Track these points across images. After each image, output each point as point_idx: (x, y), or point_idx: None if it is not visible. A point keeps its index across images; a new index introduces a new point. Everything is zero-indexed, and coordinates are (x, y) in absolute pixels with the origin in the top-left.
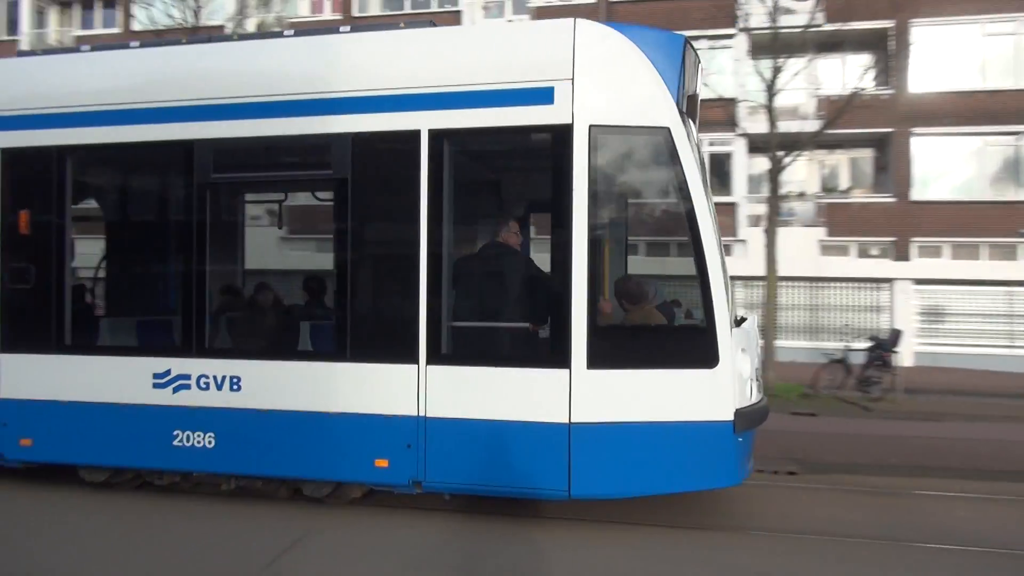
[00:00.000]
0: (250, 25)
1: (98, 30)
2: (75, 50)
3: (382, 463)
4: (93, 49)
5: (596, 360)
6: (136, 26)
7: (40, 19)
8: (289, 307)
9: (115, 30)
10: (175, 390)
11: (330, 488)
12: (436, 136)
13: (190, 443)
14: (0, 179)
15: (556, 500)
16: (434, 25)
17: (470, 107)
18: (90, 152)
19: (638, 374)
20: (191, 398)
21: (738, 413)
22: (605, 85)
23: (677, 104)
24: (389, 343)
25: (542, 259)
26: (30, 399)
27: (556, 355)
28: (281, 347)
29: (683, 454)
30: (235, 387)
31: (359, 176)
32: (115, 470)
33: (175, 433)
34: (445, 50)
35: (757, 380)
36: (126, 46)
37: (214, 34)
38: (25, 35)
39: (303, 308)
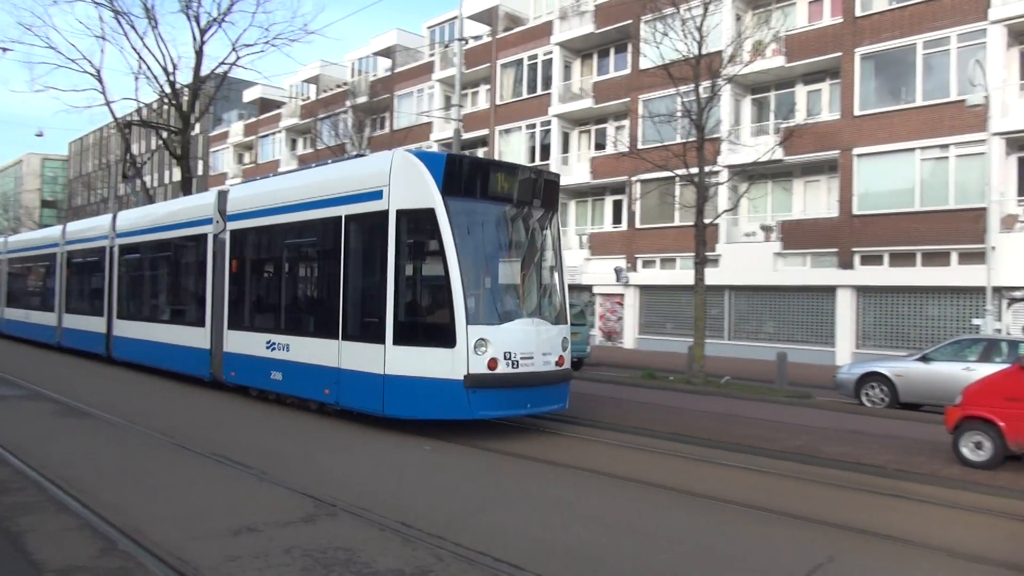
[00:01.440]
0: (747, 46)
1: (611, 74)
2: (261, 177)
3: (327, 391)
4: (261, 178)
5: (397, 340)
6: (645, 64)
7: (567, 71)
8: (309, 311)
9: (625, 72)
10: (274, 349)
11: (316, 405)
12: (366, 215)
13: (275, 377)
14: (229, 244)
15: (377, 415)
16: (363, 155)
17: (355, 203)
18: (256, 230)
19: (417, 349)
20: (275, 354)
21: (468, 376)
22: (403, 187)
23: (443, 191)
24: (327, 330)
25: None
26: (234, 352)
27: (380, 337)
28: (300, 331)
29: (437, 396)
30: (287, 350)
31: (328, 237)
32: (259, 390)
33: (272, 372)
34: (340, 172)
35: (527, 364)
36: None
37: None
38: (555, 88)
39: (304, 310)
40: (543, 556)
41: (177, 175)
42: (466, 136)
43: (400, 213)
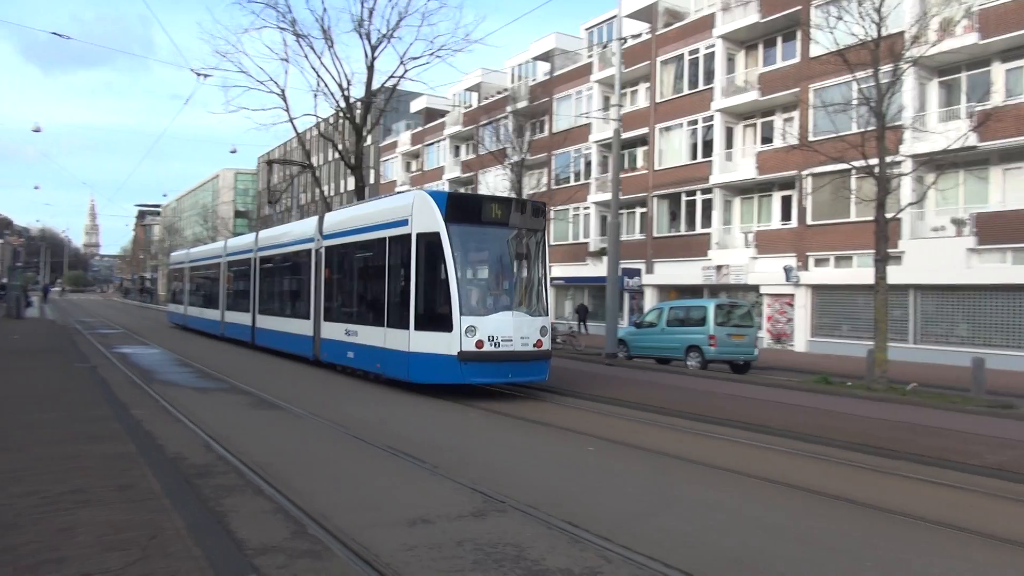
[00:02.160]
0: (933, 24)
1: (778, 64)
2: (346, 206)
3: (378, 365)
4: (345, 207)
5: (416, 327)
6: (816, 51)
7: (730, 64)
8: (366, 307)
9: (793, 61)
10: (348, 335)
11: (368, 376)
12: (406, 237)
13: (350, 356)
14: (324, 256)
15: (404, 380)
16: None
17: (390, 228)
18: (338, 247)
19: (428, 333)
20: (350, 338)
21: (460, 352)
22: (420, 217)
23: (445, 219)
24: (378, 320)
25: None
26: (326, 338)
27: (402, 323)
28: (363, 321)
29: (441, 366)
30: (356, 335)
31: (369, 253)
32: (341, 366)
33: (348, 352)
34: (383, 207)
35: (506, 344)
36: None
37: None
38: (718, 81)
39: (364, 306)
40: (713, 562)
41: (352, 184)
42: (625, 135)
43: (419, 235)
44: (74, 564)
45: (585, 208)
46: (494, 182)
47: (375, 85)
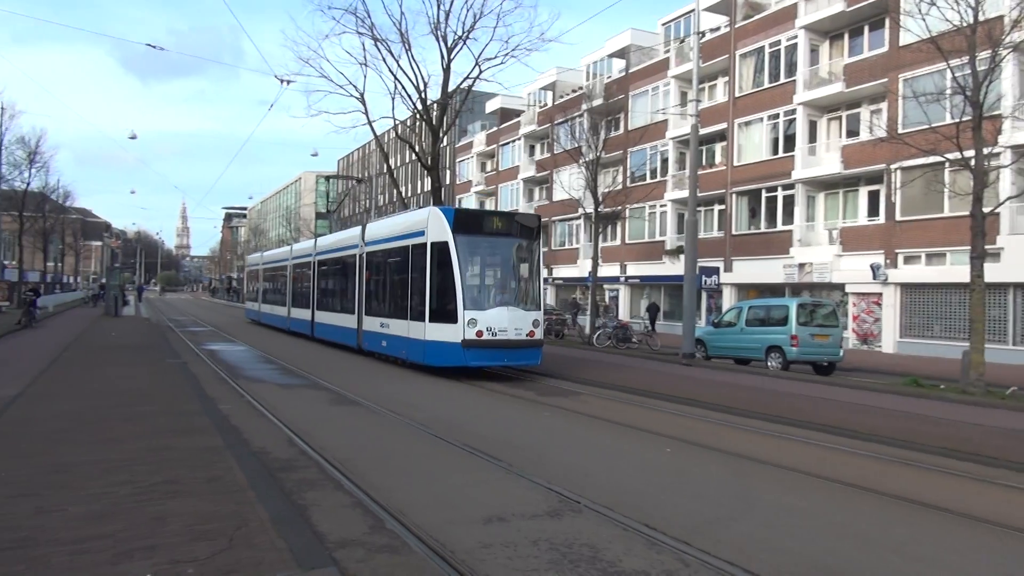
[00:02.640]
0: None
1: (865, 54)
2: (383, 217)
3: (404, 352)
4: (381, 217)
5: (431, 319)
6: (907, 39)
7: (813, 56)
8: (380, 299)
9: (881, 50)
10: (384, 327)
11: (400, 361)
12: (423, 246)
13: (383, 345)
14: (365, 260)
15: (421, 364)
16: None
17: (414, 237)
18: (374, 252)
19: (440, 324)
20: (383, 329)
21: (464, 340)
22: (433, 228)
23: (453, 231)
24: (403, 314)
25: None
26: (366, 330)
27: (424, 313)
28: (392, 315)
29: (448, 352)
30: (388, 327)
31: (389, 256)
32: (377, 354)
33: (382, 341)
34: (402, 220)
35: (502, 333)
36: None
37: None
38: (800, 74)
39: (386, 301)
40: (799, 570)
41: (428, 184)
42: (703, 131)
43: (432, 244)
44: (165, 551)
45: (662, 206)
46: (569, 181)
47: (451, 87)
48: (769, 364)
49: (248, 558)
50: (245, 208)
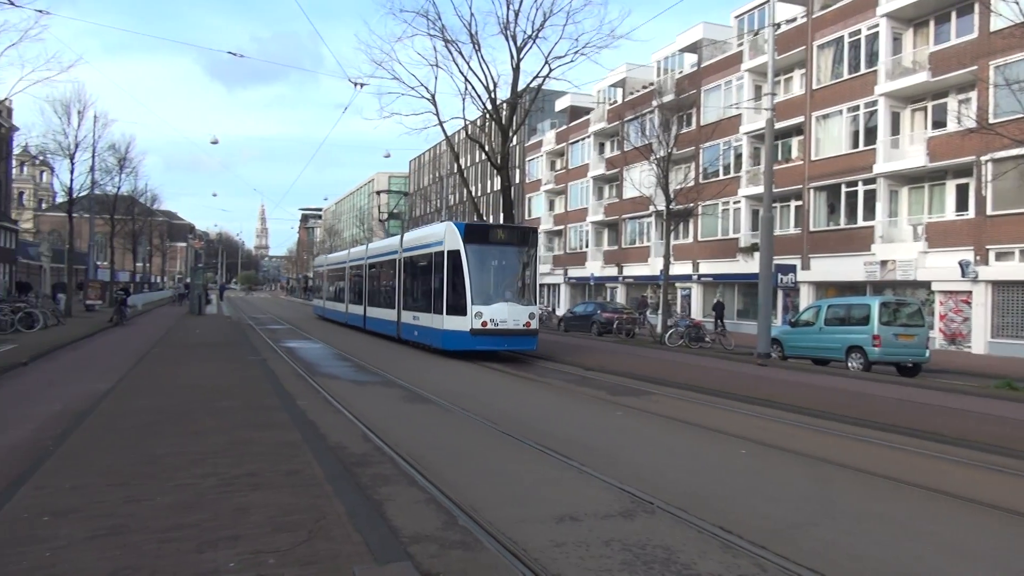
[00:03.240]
0: None
1: (952, 41)
2: (416, 228)
3: (429, 339)
4: (415, 229)
5: (447, 313)
6: (998, 24)
7: (896, 44)
8: (410, 295)
9: (970, 36)
10: (415, 319)
11: (428, 348)
12: (441, 252)
13: (415, 334)
14: (402, 266)
15: (438, 348)
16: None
17: (434, 246)
18: (409, 257)
19: (453, 316)
20: (415, 321)
21: (471, 329)
22: (449, 239)
23: (464, 241)
24: (429, 308)
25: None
26: (403, 322)
27: (442, 307)
28: (422, 309)
29: (459, 338)
30: (418, 319)
31: (418, 261)
32: (412, 342)
33: (415, 331)
34: (426, 232)
35: (503, 324)
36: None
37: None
38: (882, 64)
39: (414, 293)
40: None
41: (498, 184)
42: (779, 125)
43: (448, 251)
44: (248, 542)
45: (735, 202)
46: (639, 178)
47: (520, 86)
48: (850, 365)
49: (326, 550)
50: (320, 209)
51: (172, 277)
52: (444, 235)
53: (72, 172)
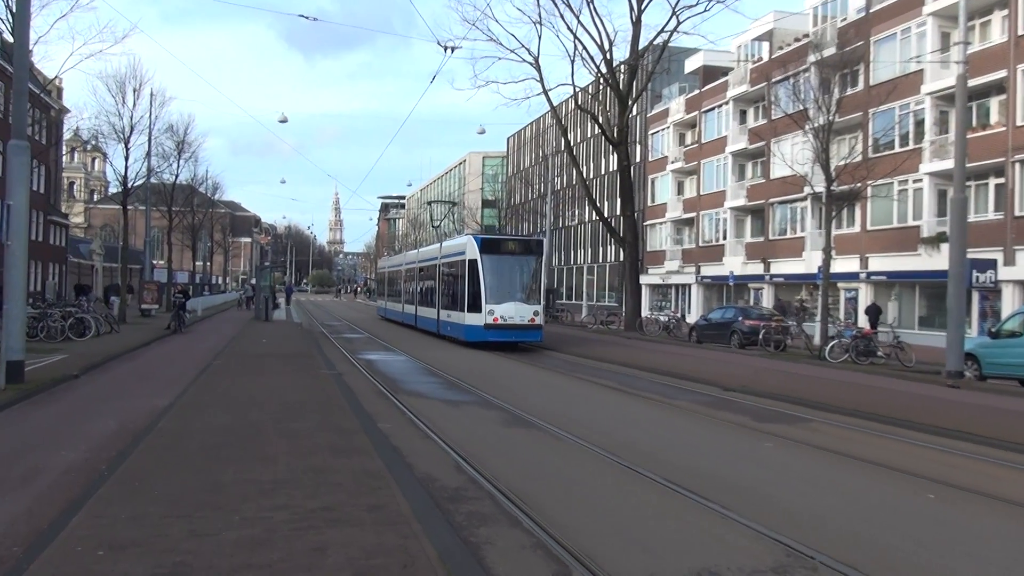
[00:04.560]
0: None
1: None
2: (451, 239)
3: (456, 333)
4: (448, 240)
5: (468, 310)
6: None
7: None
8: (443, 296)
9: None
10: (449, 315)
11: (452, 337)
12: (463, 260)
13: (446, 329)
14: (439, 271)
15: (464, 340)
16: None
17: (458, 255)
18: (444, 263)
19: (471, 313)
20: (448, 318)
21: (485, 324)
22: (469, 250)
23: (480, 251)
24: (456, 307)
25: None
26: (441, 320)
27: (464, 306)
28: (452, 307)
29: (476, 331)
30: (450, 316)
31: (449, 267)
32: (448, 336)
33: (448, 327)
34: (452, 244)
35: (511, 319)
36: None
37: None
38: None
39: (446, 294)
40: None
41: (615, 163)
42: (973, 82)
43: (468, 260)
44: None
45: (916, 181)
46: (791, 152)
47: (642, 43)
48: None
49: None
50: (403, 197)
51: (235, 278)
52: (466, 246)
53: (127, 158)
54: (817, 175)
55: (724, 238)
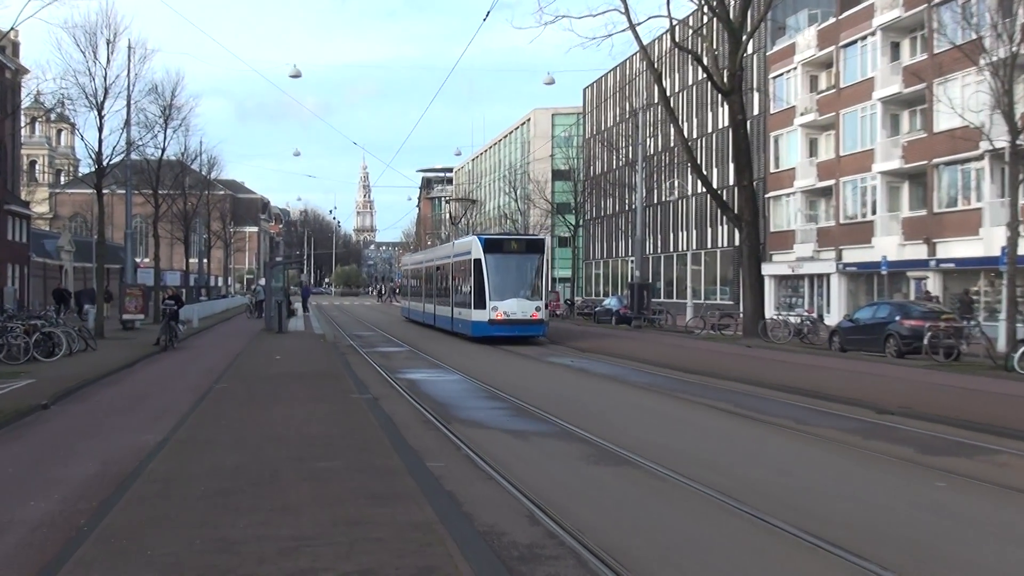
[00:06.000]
0: None
1: None
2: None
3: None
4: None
5: (475, 307)
6: None
7: None
8: (455, 294)
9: None
10: (460, 312)
11: (461, 333)
12: (470, 260)
13: (460, 326)
14: (451, 269)
15: (472, 335)
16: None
17: (466, 255)
18: (454, 262)
19: (478, 310)
20: (457, 315)
21: (490, 320)
22: (475, 249)
23: (484, 250)
24: (468, 304)
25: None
26: (455, 318)
27: (471, 303)
28: (463, 305)
29: (482, 327)
30: (461, 313)
31: (458, 266)
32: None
33: (459, 323)
34: (461, 243)
35: (513, 315)
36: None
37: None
38: None
39: (457, 292)
40: None
41: (724, 118)
42: None
43: (474, 259)
44: None
45: None
46: (962, 96)
47: None
48: None
49: None
50: (450, 170)
51: (239, 278)
52: (471, 246)
53: (100, 128)
54: (997, 125)
55: (873, 212)
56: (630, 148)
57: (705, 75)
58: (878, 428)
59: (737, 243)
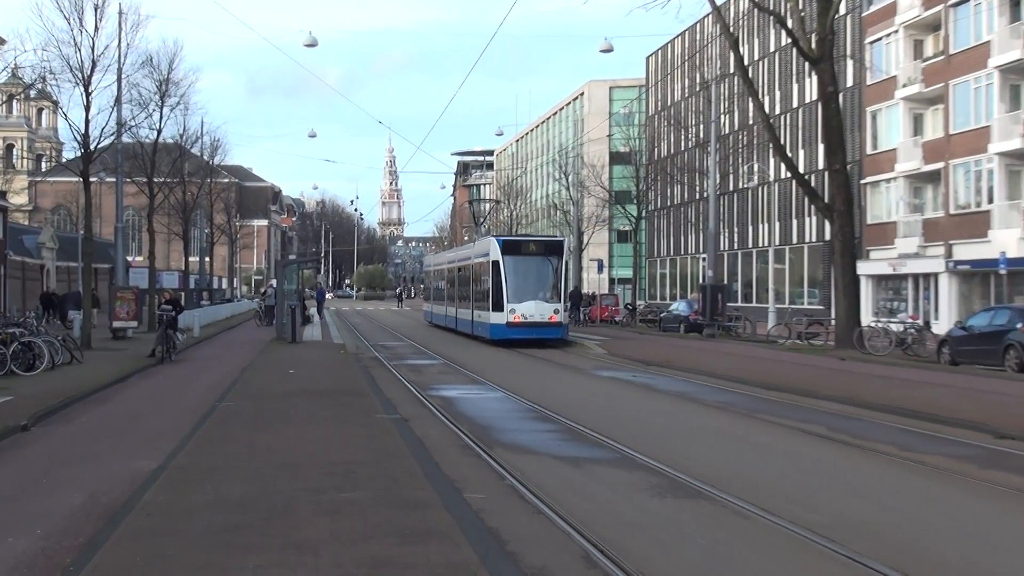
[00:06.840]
0: None
1: None
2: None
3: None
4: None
5: (492, 309)
6: None
7: None
8: (475, 296)
9: None
10: (479, 315)
11: (479, 336)
12: (488, 261)
13: (479, 329)
14: (472, 271)
15: (490, 338)
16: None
17: (484, 256)
18: (475, 263)
19: (495, 312)
20: (477, 317)
21: (507, 322)
22: (493, 251)
23: (501, 252)
24: (484, 305)
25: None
26: (475, 321)
27: (489, 305)
28: (481, 307)
29: (499, 329)
30: (480, 316)
31: (478, 268)
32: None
33: (478, 326)
34: (480, 245)
35: (531, 318)
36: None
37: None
38: None
39: (476, 294)
40: None
41: (812, 90)
42: None
43: (492, 261)
44: None
45: None
46: None
47: None
48: None
49: None
50: (490, 153)
51: (247, 279)
52: (489, 247)
53: (87, 107)
54: None
55: (989, 201)
56: (701, 126)
57: (790, 40)
58: (998, 455)
59: (828, 237)
